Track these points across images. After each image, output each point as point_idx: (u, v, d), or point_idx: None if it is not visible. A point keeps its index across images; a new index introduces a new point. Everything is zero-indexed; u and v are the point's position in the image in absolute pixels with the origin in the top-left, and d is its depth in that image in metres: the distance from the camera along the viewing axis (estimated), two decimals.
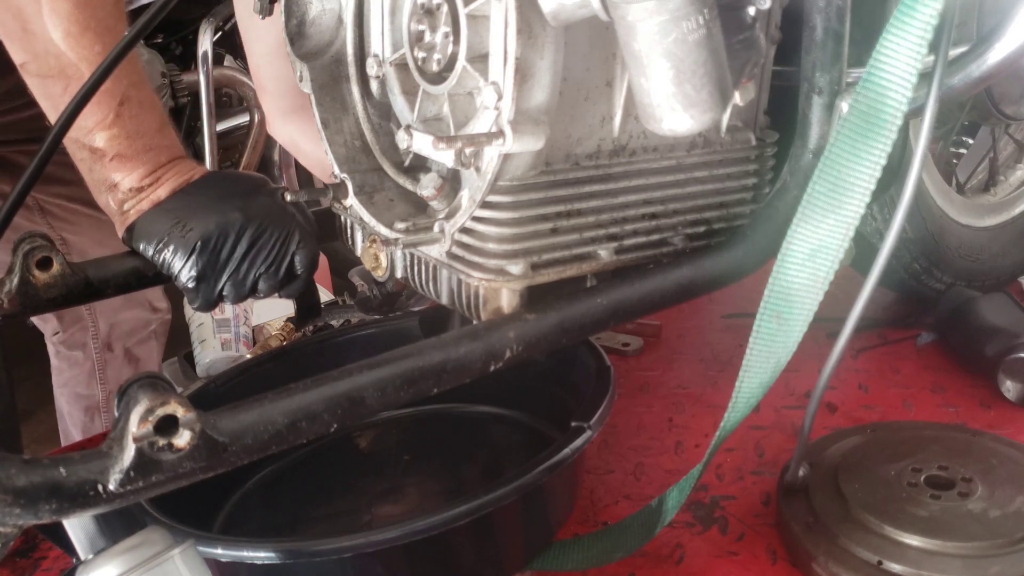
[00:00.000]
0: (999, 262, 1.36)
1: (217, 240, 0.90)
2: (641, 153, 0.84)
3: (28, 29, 0.87)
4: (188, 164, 0.96)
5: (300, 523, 0.97)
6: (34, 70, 0.89)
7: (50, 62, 0.88)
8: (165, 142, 0.94)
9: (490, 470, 1.03)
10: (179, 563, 0.63)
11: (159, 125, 0.94)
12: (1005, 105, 1.24)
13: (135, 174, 0.92)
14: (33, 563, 0.95)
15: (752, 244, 0.86)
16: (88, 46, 0.88)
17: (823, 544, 0.82)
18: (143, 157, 0.92)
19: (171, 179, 0.93)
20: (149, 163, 0.92)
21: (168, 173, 0.93)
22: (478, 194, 0.77)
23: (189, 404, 0.58)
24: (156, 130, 0.93)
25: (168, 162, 0.94)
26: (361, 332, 1.12)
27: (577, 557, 0.86)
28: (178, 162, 0.95)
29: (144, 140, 0.92)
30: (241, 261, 0.91)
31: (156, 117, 0.94)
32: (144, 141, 0.92)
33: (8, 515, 0.54)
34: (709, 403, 1.14)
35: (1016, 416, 1.06)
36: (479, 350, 0.73)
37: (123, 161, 0.91)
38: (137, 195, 0.92)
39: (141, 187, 0.92)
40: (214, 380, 1.04)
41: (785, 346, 0.77)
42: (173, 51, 2.48)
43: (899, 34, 0.70)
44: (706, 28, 0.68)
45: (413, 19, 0.81)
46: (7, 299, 0.88)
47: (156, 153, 0.93)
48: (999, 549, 0.79)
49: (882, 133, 0.72)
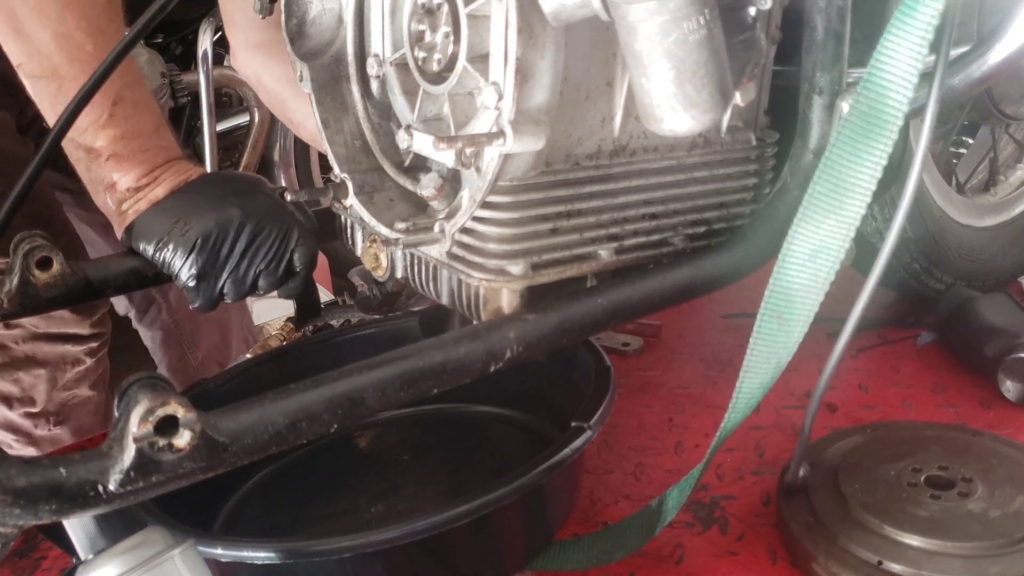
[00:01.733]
0: (999, 262, 1.36)
1: (217, 238, 0.90)
2: (641, 153, 0.84)
3: (21, 31, 0.87)
4: (185, 164, 0.96)
5: (300, 523, 0.97)
6: (28, 71, 0.90)
7: (43, 63, 0.88)
8: (162, 143, 0.94)
9: (490, 470, 1.03)
10: (179, 563, 0.63)
11: (155, 126, 0.94)
12: (1005, 105, 1.24)
13: (132, 174, 0.92)
14: (33, 563, 0.95)
15: (752, 244, 0.86)
16: (79, 46, 0.88)
17: (823, 544, 0.82)
18: (139, 157, 0.92)
19: (168, 179, 0.93)
20: (146, 163, 0.92)
21: (165, 173, 0.93)
22: (478, 194, 0.77)
23: (189, 404, 0.58)
24: (152, 131, 0.93)
25: (165, 163, 0.94)
26: (361, 332, 1.12)
27: (577, 557, 0.86)
28: (175, 162, 0.95)
29: (140, 141, 0.92)
30: (241, 258, 0.91)
31: (152, 118, 0.94)
32: (140, 142, 0.92)
33: (8, 515, 0.54)
34: (709, 403, 1.14)
35: (1016, 416, 1.06)
36: (479, 350, 0.73)
37: (119, 161, 0.91)
38: (135, 195, 0.92)
39: (139, 187, 0.92)
40: (214, 380, 1.04)
41: (786, 346, 0.77)
42: (173, 51, 2.48)
43: (900, 34, 0.70)
44: (707, 28, 0.68)
45: (413, 19, 0.81)
46: (7, 299, 0.89)
47: (153, 154, 0.93)
48: (999, 549, 0.79)
49: (883, 133, 0.72)
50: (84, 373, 1.41)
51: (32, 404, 1.37)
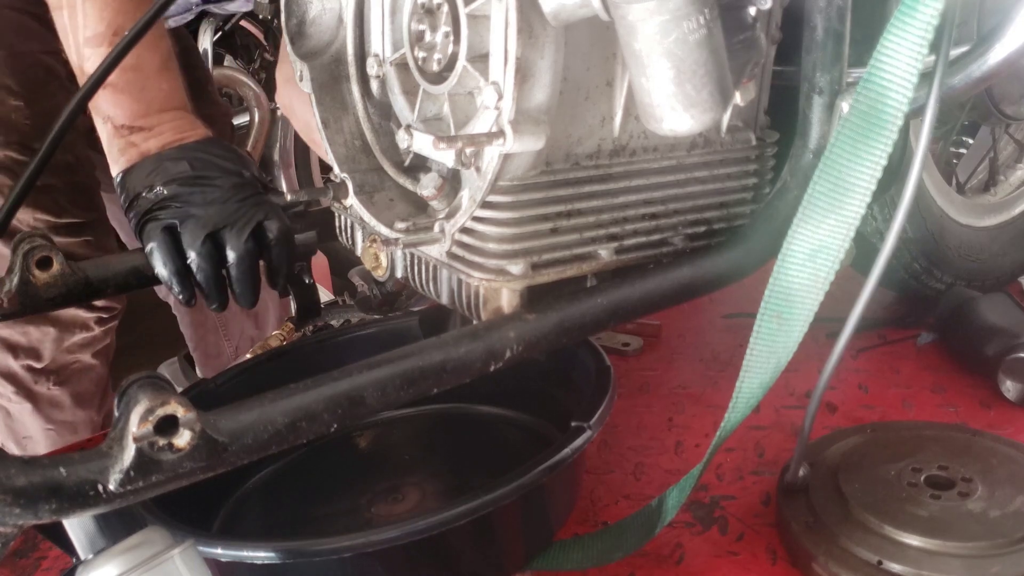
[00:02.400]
0: (999, 262, 1.36)
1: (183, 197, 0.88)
2: (641, 153, 0.84)
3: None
4: (186, 121, 0.93)
5: (300, 523, 0.97)
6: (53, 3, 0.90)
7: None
8: (163, 85, 0.91)
9: (490, 470, 1.03)
10: (179, 563, 0.63)
11: (158, 66, 0.91)
12: (1005, 105, 1.24)
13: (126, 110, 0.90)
14: (33, 563, 0.95)
15: (752, 244, 0.86)
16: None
17: (823, 544, 0.82)
18: (136, 94, 0.90)
19: (166, 132, 0.91)
20: (142, 102, 0.90)
21: (164, 124, 0.91)
22: (478, 194, 0.77)
23: (189, 404, 0.58)
24: (155, 70, 0.90)
25: (164, 110, 0.92)
26: (361, 332, 1.12)
27: (577, 557, 0.86)
28: (176, 114, 0.92)
29: (138, 75, 0.89)
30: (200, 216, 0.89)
31: (156, 57, 0.91)
32: (138, 76, 0.89)
33: (8, 515, 0.54)
34: (709, 403, 1.14)
35: (1016, 416, 1.06)
36: (479, 350, 0.73)
37: (115, 92, 0.89)
38: (128, 135, 0.90)
39: (132, 127, 0.90)
40: (214, 380, 1.04)
41: (785, 346, 0.77)
42: None
43: (900, 34, 0.70)
44: (707, 28, 0.68)
45: (413, 19, 0.81)
46: (7, 299, 0.89)
47: (152, 93, 0.90)
48: (999, 549, 0.79)
49: (883, 133, 0.72)
50: (90, 340, 1.41)
51: (37, 358, 1.37)
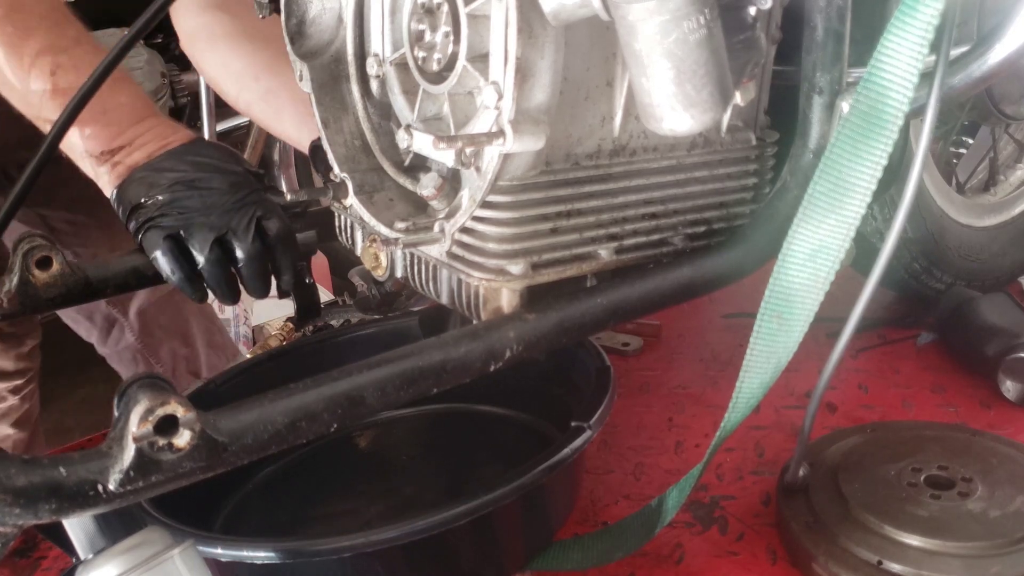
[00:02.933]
0: (999, 262, 1.36)
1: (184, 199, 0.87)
2: (641, 153, 0.84)
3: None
4: (165, 127, 0.92)
5: (300, 523, 0.97)
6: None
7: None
8: (122, 100, 0.90)
9: (490, 470, 1.03)
10: (179, 563, 0.63)
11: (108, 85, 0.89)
12: (1005, 105, 1.24)
13: (99, 139, 0.89)
14: (33, 563, 0.95)
15: (752, 244, 0.86)
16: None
17: (823, 544, 0.82)
18: (101, 120, 0.89)
19: (149, 143, 0.91)
20: (111, 125, 0.89)
21: (143, 137, 0.91)
22: (478, 194, 0.77)
23: (189, 404, 0.58)
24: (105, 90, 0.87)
25: (137, 122, 0.91)
26: (361, 332, 1.12)
27: (577, 557, 0.86)
28: (151, 122, 0.91)
29: (94, 100, 0.86)
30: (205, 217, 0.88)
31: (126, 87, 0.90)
32: (95, 101, 0.86)
33: (8, 515, 0.54)
34: (709, 403, 1.14)
35: (1016, 416, 1.06)
36: (479, 350, 0.73)
37: (81, 126, 0.88)
38: (111, 158, 0.90)
39: (112, 149, 0.90)
40: (214, 380, 1.04)
41: (785, 346, 0.77)
42: (173, 51, 2.47)
43: (900, 34, 0.70)
44: (707, 28, 0.68)
45: (413, 18, 0.81)
46: (7, 299, 0.88)
47: (117, 114, 0.89)
48: (999, 549, 0.79)
49: (883, 133, 0.72)
50: (6, 411, 1.34)
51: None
